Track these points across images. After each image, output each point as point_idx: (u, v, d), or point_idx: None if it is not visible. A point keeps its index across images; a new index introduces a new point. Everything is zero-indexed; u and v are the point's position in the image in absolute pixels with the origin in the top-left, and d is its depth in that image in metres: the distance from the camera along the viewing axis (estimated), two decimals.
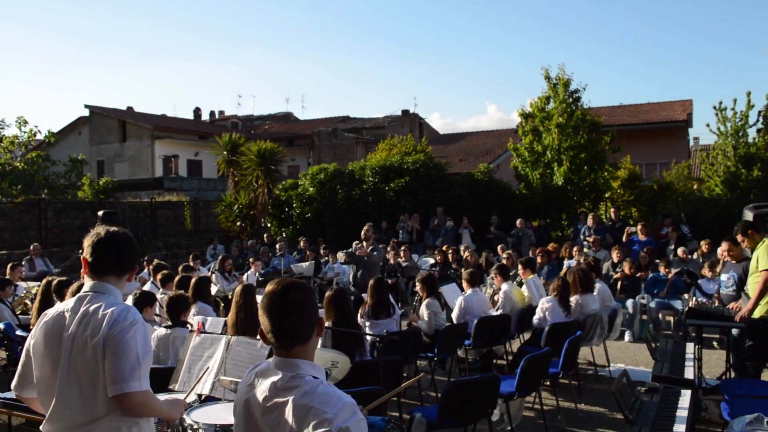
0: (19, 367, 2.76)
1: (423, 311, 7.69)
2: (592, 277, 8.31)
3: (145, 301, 5.80)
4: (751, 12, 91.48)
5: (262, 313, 2.16)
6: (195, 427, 3.47)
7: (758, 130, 15.42)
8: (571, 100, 16.62)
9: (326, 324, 5.54)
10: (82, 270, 2.77)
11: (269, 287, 2.18)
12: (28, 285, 10.42)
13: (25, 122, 23.50)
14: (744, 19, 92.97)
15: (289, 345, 2.14)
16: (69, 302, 2.69)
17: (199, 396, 4.06)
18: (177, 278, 7.73)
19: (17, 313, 8.56)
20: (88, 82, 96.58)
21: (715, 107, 15.66)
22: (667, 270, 10.50)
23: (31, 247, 14.39)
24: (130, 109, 39.13)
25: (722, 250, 7.83)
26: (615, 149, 17.14)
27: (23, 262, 13.73)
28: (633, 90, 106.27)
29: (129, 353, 2.53)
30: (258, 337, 5.02)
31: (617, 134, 17.49)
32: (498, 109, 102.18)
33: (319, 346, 4.24)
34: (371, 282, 7.15)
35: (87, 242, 2.73)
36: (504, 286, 8.26)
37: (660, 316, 10.07)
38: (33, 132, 23.78)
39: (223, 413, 3.62)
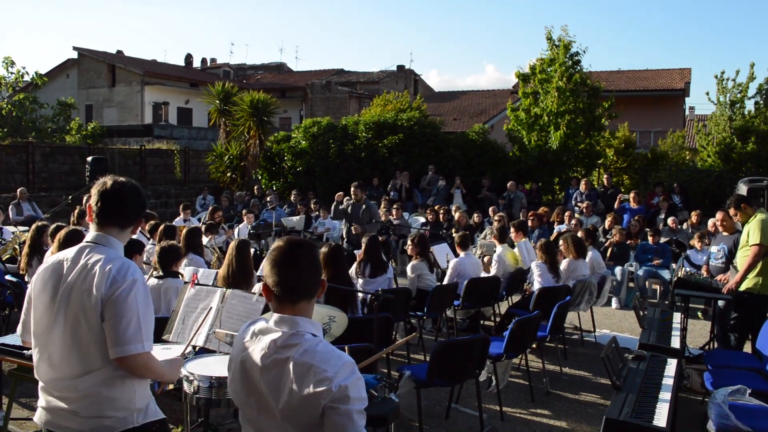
0: (22, 313, 2.75)
1: (408, 271, 7.76)
2: (584, 242, 8.34)
3: (134, 248, 5.74)
4: None
5: (270, 267, 2.14)
6: (191, 378, 3.47)
7: (756, 103, 15.34)
8: (570, 63, 16.44)
9: None
10: (86, 217, 2.73)
11: (277, 243, 2.17)
12: (17, 229, 10.30)
13: (13, 63, 22.92)
14: None
15: (295, 299, 2.13)
16: (70, 251, 2.65)
17: (194, 347, 4.06)
18: (161, 228, 7.65)
19: (5, 258, 8.47)
20: (76, 23, 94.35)
21: (716, 76, 15.52)
22: (654, 239, 10.56)
23: (18, 191, 14.23)
24: (119, 52, 38.22)
25: (717, 219, 7.87)
26: (613, 115, 17.04)
27: (10, 206, 13.63)
28: (632, 55, 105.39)
29: (130, 314, 2.50)
30: (253, 290, 5.06)
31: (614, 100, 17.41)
32: (496, 69, 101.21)
33: None
34: (364, 240, 7.14)
35: (93, 190, 2.68)
36: (498, 249, 8.31)
37: (647, 284, 10.17)
38: (20, 73, 23.22)
39: (218, 365, 3.63)
